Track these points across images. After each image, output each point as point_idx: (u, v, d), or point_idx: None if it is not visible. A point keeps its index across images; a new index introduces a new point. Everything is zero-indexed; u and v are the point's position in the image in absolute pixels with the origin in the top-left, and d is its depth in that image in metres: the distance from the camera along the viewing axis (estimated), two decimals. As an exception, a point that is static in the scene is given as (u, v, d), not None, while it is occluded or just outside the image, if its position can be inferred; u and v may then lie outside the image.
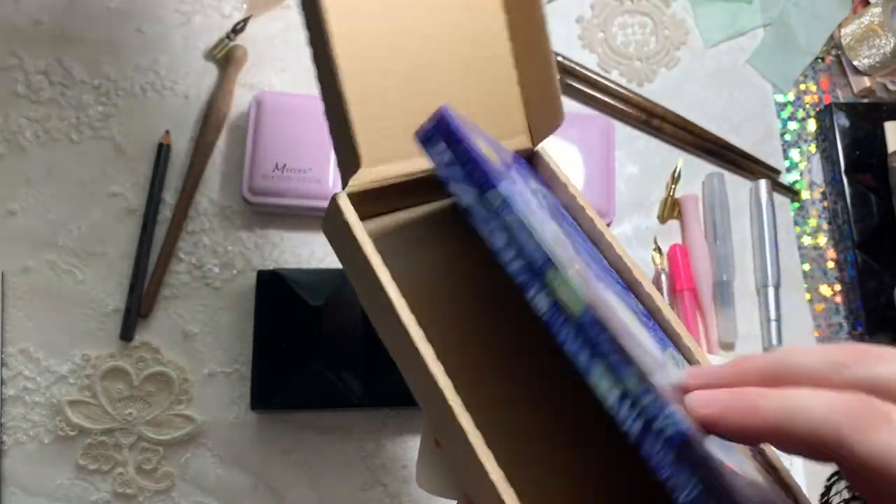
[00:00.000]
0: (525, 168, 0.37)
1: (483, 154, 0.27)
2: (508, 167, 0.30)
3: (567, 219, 0.35)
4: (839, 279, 0.62)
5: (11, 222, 0.55)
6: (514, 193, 0.26)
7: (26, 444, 0.52)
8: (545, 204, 0.32)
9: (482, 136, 0.32)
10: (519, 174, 0.32)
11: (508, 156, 0.35)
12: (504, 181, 0.27)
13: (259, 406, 0.52)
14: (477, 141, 0.29)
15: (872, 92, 0.65)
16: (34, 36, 0.59)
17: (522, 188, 0.29)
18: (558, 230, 0.30)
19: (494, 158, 0.29)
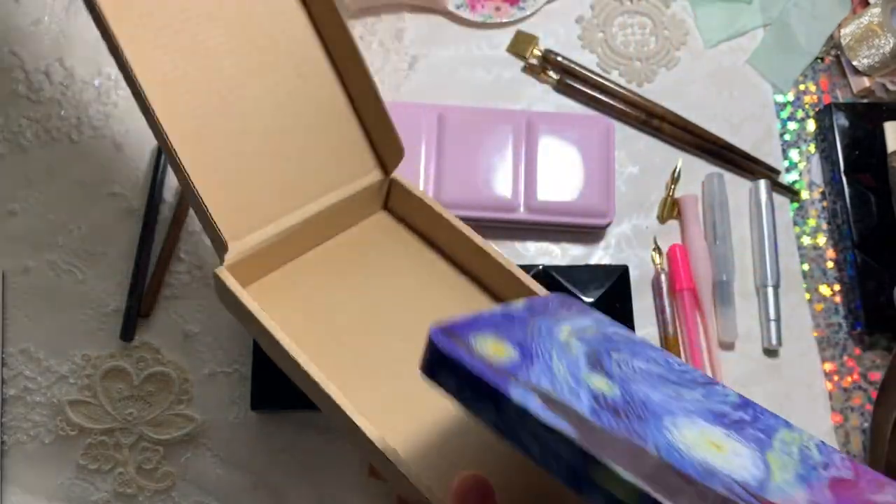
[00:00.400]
0: (568, 311, 0.37)
1: (485, 367, 0.26)
2: (528, 348, 0.29)
3: (615, 341, 0.34)
4: (838, 279, 0.62)
5: (12, 222, 0.55)
6: (528, 397, 0.25)
7: (27, 443, 0.52)
8: (583, 349, 0.31)
9: (494, 325, 0.30)
10: (545, 340, 0.31)
11: (529, 309, 0.34)
12: (513, 388, 0.25)
13: (259, 406, 0.52)
14: (480, 344, 0.28)
15: (872, 92, 0.65)
16: (35, 35, 0.59)
17: (545, 367, 0.28)
18: (602, 383, 0.29)
19: (503, 354, 0.28)
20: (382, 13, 0.63)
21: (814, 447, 0.30)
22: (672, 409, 0.29)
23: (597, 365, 0.30)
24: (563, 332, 0.33)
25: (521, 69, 0.63)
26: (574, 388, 0.27)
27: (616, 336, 0.35)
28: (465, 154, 0.57)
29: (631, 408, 0.28)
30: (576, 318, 0.35)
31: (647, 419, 0.27)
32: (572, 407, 0.26)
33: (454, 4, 0.63)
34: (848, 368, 0.60)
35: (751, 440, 0.28)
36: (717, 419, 0.29)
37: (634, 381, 0.30)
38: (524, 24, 0.64)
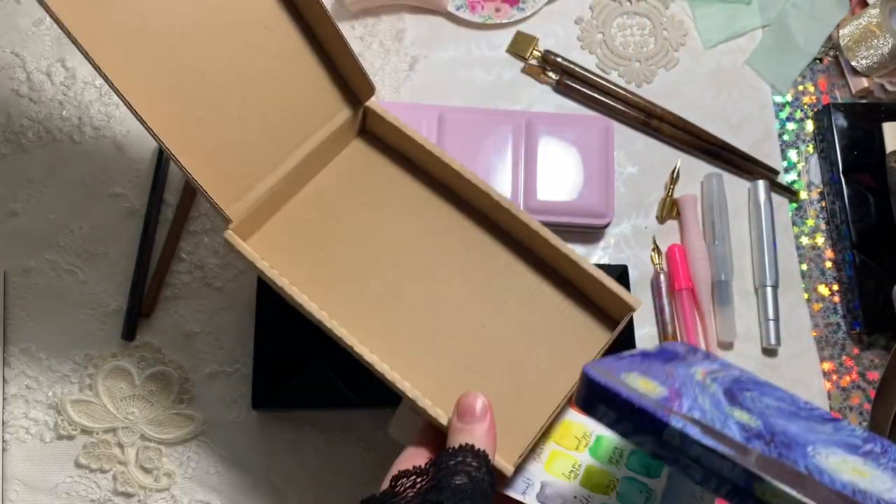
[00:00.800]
0: (694, 356, 0.40)
1: (642, 399, 0.29)
2: (673, 386, 0.31)
3: (744, 382, 0.37)
4: (837, 279, 0.62)
5: (13, 222, 0.56)
6: (687, 425, 0.28)
7: (28, 442, 0.52)
8: (720, 388, 0.34)
9: (636, 366, 0.33)
10: (685, 380, 0.33)
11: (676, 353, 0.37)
12: (673, 417, 0.28)
13: (260, 405, 0.52)
14: (631, 381, 0.30)
15: (870, 92, 0.66)
16: (36, 36, 0.59)
17: (692, 402, 0.30)
18: (744, 415, 0.31)
19: (654, 390, 0.30)
20: (382, 14, 0.63)
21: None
22: (810, 439, 0.31)
23: (735, 401, 0.33)
24: (698, 374, 0.35)
25: (520, 70, 0.64)
26: (723, 420, 0.29)
27: (743, 377, 0.38)
28: (465, 154, 0.58)
29: (775, 437, 0.30)
30: (703, 362, 0.38)
31: (792, 446, 0.29)
32: (727, 434, 0.28)
33: (454, 5, 0.63)
34: (846, 368, 0.60)
35: (887, 469, 0.31)
36: (851, 450, 0.31)
37: (770, 415, 0.32)
38: (524, 25, 0.64)
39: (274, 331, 0.52)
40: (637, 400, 0.28)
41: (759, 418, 0.32)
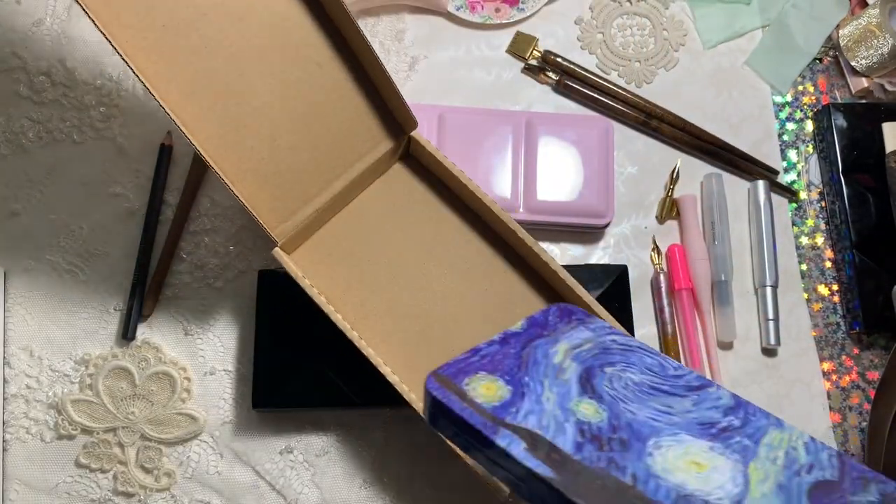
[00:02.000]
0: (567, 325, 0.38)
1: (472, 414, 0.29)
2: (519, 382, 0.31)
3: (612, 352, 0.36)
4: (837, 279, 0.62)
5: (14, 222, 0.56)
6: (513, 442, 0.28)
7: (28, 442, 0.52)
8: (579, 369, 0.33)
9: (488, 360, 0.33)
10: (539, 368, 0.33)
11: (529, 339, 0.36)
12: (500, 433, 0.28)
13: (260, 405, 0.52)
14: (472, 386, 0.30)
15: (870, 92, 0.66)
16: (36, 36, 0.59)
17: (534, 402, 0.30)
18: (590, 408, 0.31)
19: (495, 394, 0.30)
20: (382, 14, 0.63)
21: (801, 447, 0.31)
22: (658, 427, 0.31)
23: (588, 387, 0.33)
24: (559, 353, 0.35)
25: (520, 70, 0.64)
26: (561, 422, 0.29)
27: (613, 345, 0.37)
28: (466, 154, 0.58)
29: (615, 433, 0.30)
30: (574, 331, 0.37)
31: (630, 445, 0.29)
32: (556, 445, 0.28)
33: (454, 6, 0.63)
34: (846, 368, 0.60)
35: (735, 451, 0.30)
36: (703, 431, 0.31)
37: (625, 399, 0.32)
38: (524, 26, 0.65)
39: (274, 331, 0.52)
40: (467, 415, 0.29)
41: (608, 408, 0.31)
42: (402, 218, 0.53)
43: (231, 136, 0.46)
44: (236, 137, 0.46)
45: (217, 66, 0.45)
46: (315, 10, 0.48)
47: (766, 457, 0.30)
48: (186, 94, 0.44)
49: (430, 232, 0.53)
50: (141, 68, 0.42)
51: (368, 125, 0.51)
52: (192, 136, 0.44)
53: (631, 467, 0.28)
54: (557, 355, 0.35)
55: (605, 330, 0.38)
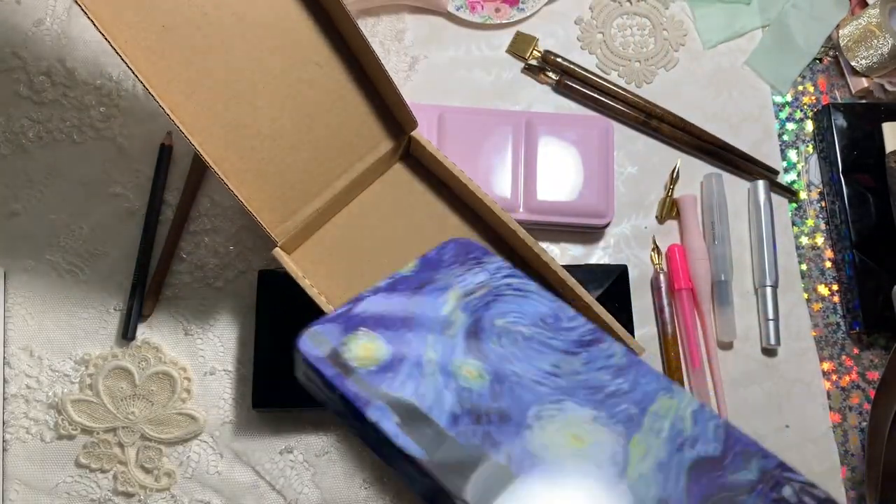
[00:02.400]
0: (453, 263, 0.36)
1: (345, 382, 0.27)
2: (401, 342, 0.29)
3: (506, 299, 0.34)
4: (837, 279, 0.62)
5: (14, 222, 0.56)
6: (384, 417, 0.26)
7: (28, 442, 0.52)
8: (467, 322, 0.31)
9: (370, 314, 0.30)
10: (424, 324, 0.31)
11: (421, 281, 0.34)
12: (372, 406, 0.26)
13: (260, 405, 0.52)
14: (351, 346, 0.28)
15: (870, 92, 0.66)
16: (36, 36, 0.59)
17: (414, 365, 0.28)
18: (473, 371, 0.29)
19: (373, 356, 0.28)
20: (382, 14, 0.63)
21: (689, 416, 0.29)
22: (542, 393, 0.29)
23: (474, 345, 0.30)
24: (449, 303, 0.33)
25: (520, 70, 0.64)
26: (440, 389, 0.28)
27: (508, 291, 0.34)
28: (465, 154, 0.58)
29: (496, 402, 0.28)
30: (469, 274, 0.35)
31: (510, 416, 0.27)
32: (432, 417, 0.27)
33: (454, 5, 0.63)
34: (846, 368, 0.60)
35: (619, 421, 0.28)
36: (589, 396, 0.29)
37: (511, 358, 0.30)
38: (524, 26, 0.65)
39: (274, 331, 0.52)
40: (339, 383, 0.27)
41: (493, 370, 0.29)
42: (402, 218, 0.53)
43: (231, 137, 0.46)
44: (236, 137, 0.46)
45: (217, 67, 0.45)
46: (315, 10, 0.48)
47: (651, 428, 0.28)
48: (186, 95, 0.44)
49: (430, 232, 0.53)
50: (140, 68, 0.42)
51: (368, 125, 0.51)
52: (191, 136, 0.44)
53: (507, 444, 0.26)
54: (447, 305, 0.32)
55: (501, 271, 0.35)
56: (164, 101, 0.43)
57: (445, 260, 0.36)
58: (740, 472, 0.27)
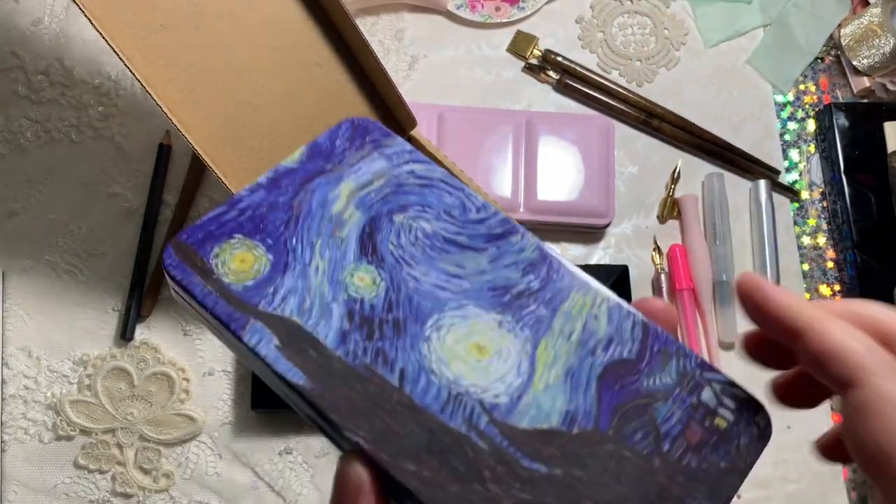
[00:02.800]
0: (348, 149, 0.31)
1: (217, 300, 0.24)
2: (283, 248, 0.26)
3: (408, 191, 0.30)
4: (839, 279, 0.62)
5: (12, 222, 0.56)
6: (263, 340, 0.23)
7: (27, 442, 0.52)
8: (362, 220, 0.28)
9: (249, 215, 0.27)
10: (311, 223, 0.27)
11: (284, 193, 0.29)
12: (249, 328, 0.23)
13: (260, 405, 0.52)
14: (224, 256, 0.25)
15: (872, 92, 0.65)
16: (35, 35, 0.59)
17: (298, 275, 0.25)
18: (367, 277, 0.26)
19: (250, 267, 0.25)
20: (382, 13, 0.63)
21: (604, 314, 0.26)
22: (443, 299, 0.26)
23: (369, 247, 0.27)
24: (341, 199, 0.28)
25: (521, 69, 0.63)
26: (327, 303, 0.25)
27: (410, 179, 0.30)
28: (466, 154, 0.57)
29: (391, 312, 0.25)
30: (365, 162, 0.30)
31: (406, 328, 0.25)
32: (316, 337, 0.24)
33: (454, 4, 0.63)
34: (848, 368, 0.60)
35: (527, 325, 0.25)
36: (495, 299, 0.26)
37: (410, 261, 0.27)
38: (524, 25, 0.64)
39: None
40: (210, 303, 0.24)
41: (389, 276, 0.26)
42: None
43: (229, 136, 0.46)
44: (235, 137, 0.46)
45: (215, 66, 0.45)
46: (314, 9, 0.48)
47: (561, 330, 0.25)
48: (185, 94, 0.44)
49: None
50: (139, 68, 0.42)
51: None
52: (190, 135, 0.43)
53: (401, 360, 0.24)
54: (338, 201, 0.28)
55: (403, 156, 0.31)
56: (163, 101, 0.43)
57: (338, 146, 0.31)
58: (657, 376, 0.25)
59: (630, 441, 0.23)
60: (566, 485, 0.22)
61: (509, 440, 0.23)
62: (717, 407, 0.25)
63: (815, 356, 0.22)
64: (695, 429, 0.24)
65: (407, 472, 0.21)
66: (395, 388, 0.23)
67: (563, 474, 0.22)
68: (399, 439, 0.22)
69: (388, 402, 0.23)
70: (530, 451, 0.23)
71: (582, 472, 0.22)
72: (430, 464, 0.22)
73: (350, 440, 0.22)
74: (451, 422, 0.23)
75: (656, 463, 0.23)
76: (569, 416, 0.23)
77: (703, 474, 0.23)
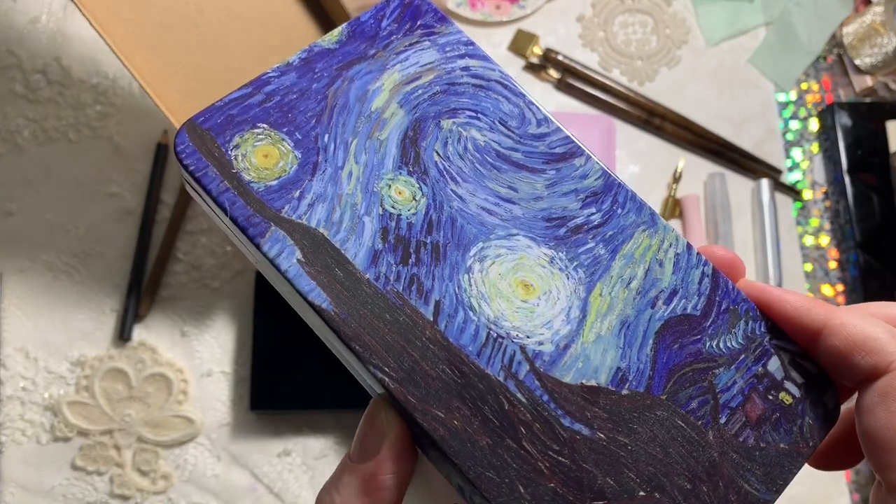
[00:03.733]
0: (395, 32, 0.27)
1: (235, 200, 0.21)
2: (314, 144, 0.22)
3: (458, 91, 0.26)
4: (841, 279, 0.61)
5: (9, 223, 0.55)
6: (283, 252, 0.20)
7: (24, 444, 0.52)
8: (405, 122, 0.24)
9: (277, 101, 0.23)
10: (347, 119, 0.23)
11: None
12: (269, 236, 0.20)
13: (258, 406, 0.51)
14: (245, 149, 0.22)
15: (874, 91, 0.65)
16: (32, 34, 0.58)
17: (328, 179, 0.22)
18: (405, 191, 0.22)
19: (275, 164, 0.22)
20: (382, 12, 0.63)
21: (670, 261, 0.23)
22: (490, 225, 0.22)
23: (411, 153, 0.23)
24: (383, 93, 0.24)
25: (521, 68, 0.63)
26: (359, 215, 0.21)
27: (464, 77, 0.26)
28: (466, 153, 0.57)
29: (430, 234, 0.22)
30: (414, 50, 0.26)
31: (445, 256, 0.21)
32: (345, 254, 0.21)
33: (454, 2, 0.63)
34: (850, 369, 0.59)
35: (582, 265, 0.22)
36: (549, 231, 0.23)
37: (457, 176, 0.23)
38: (524, 23, 0.64)
39: (273, 331, 0.52)
40: (228, 203, 0.20)
41: (431, 191, 0.22)
42: None
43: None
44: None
45: (214, 65, 0.45)
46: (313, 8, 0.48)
47: (620, 275, 0.22)
48: (183, 93, 0.44)
49: None
50: (137, 66, 0.42)
51: None
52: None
53: (437, 291, 0.21)
54: (379, 96, 0.24)
55: (458, 48, 0.27)
56: (161, 100, 0.42)
57: (384, 27, 0.26)
58: (722, 338, 0.22)
59: (684, 409, 0.21)
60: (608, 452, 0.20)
61: (550, 395, 0.20)
62: (783, 380, 0.22)
63: (839, 348, 0.20)
64: (757, 402, 0.21)
65: (434, 419, 0.19)
66: (428, 322, 0.20)
67: (606, 439, 0.20)
68: (428, 380, 0.20)
69: (419, 337, 0.20)
70: (573, 409, 0.20)
71: (627, 439, 0.20)
72: (461, 412, 0.19)
73: (375, 376, 0.20)
74: (487, 367, 0.20)
75: (710, 436, 0.20)
76: (619, 373, 0.21)
77: (759, 454, 0.21)
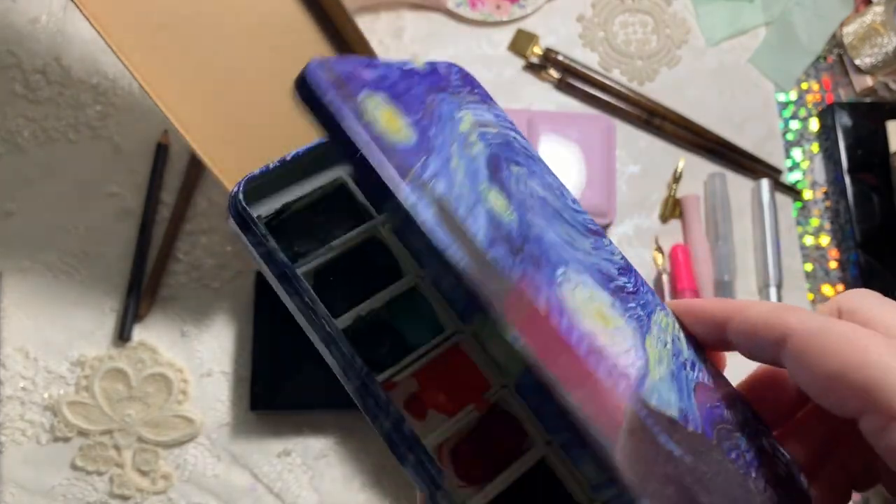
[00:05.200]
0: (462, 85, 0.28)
1: (371, 142, 0.19)
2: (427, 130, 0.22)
3: (516, 149, 0.27)
4: (842, 279, 0.61)
5: (9, 223, 0.55)
6: (421, 202, 0.19)
7: (24, 444, 0.52)
8: (486, 151, 0.24)
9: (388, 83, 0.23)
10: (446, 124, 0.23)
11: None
12: (406, 184, 0.19)
13: (258, 406, 0.51)
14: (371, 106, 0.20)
15: (874, 91, 0.65)
16: (32, 34, 0.58)
17: (443, 164, 0.21)
18: (500, 202, 0.22)
19: (399, 131, 0.21)
20: (382, 11, 0.63)
21: (683, 339, 0.24)
22: (565, 257, 0.22)
23: (497, 176, 0.23)
24: (465, 121, 0.25)
25: (521, 68, 0.63)
26: (471, 204, 0.21)
27: (516, 143, 0.27)
28: (466, 153, 0.57)
29: (527, 245, 0.21)
30: (477, 106, 0.27)
31: (542, 264, 0.21)
32: (467, 226, 0.20)
33: (454, 2, 0.63)
34: (851, 369, 0.59)
35: (633, 318, 0.23)
36: (604, 281, 0.23)
37: (532, 209, 0.23)
38: (525, 23, 0.64)
39: (273, 331, 0.52)
40: (363, 143, 0.19)
41: (517, 211, 0.22)
42: None
43: (228, 136, 0.46)
44: (233, 137, 0.46)
45: (214, 65, 0.45)
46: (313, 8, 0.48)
47: (658, 337, 0.23)
48: (183, 93, 0.44)
49: None
50: (137, 66, 0.42)
51: None
52: (188, 135, 0.43)
53: (545, 291, 0.20)
54: (464, 122, 0.25)
55: (507, 122, 0.28)
56: (161, 100, 0.42)
57: (453, 80, 0.28)
58: (733, 410, 0.24)
59: (729, 456, 0.22)
60: (699, 474, 0.20)
61: (647, 412, 0.20)
62: (776, 456, 0.24)
63: (745, 332, 0.23)
64: (769, 468, 0.23)
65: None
66: (544, 312, 0.19)
67: (692, 463, 0.20)
68: (551, 351, 0.19)
69: (539, 319, 0.19)
70: (664, 429, 0.20)
71: (706, 468, 0.20)
72: None
73: (510, 334, 0.18)
74: (596, 369, 0.19)
75: (751, 486, 0.21)
76: (683, 413, 0.21)
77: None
